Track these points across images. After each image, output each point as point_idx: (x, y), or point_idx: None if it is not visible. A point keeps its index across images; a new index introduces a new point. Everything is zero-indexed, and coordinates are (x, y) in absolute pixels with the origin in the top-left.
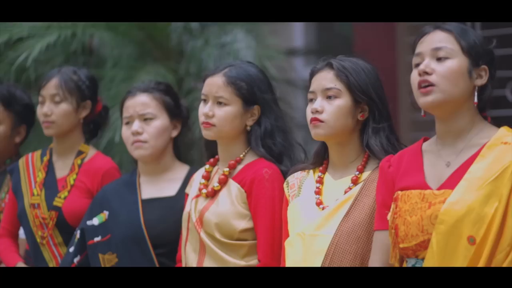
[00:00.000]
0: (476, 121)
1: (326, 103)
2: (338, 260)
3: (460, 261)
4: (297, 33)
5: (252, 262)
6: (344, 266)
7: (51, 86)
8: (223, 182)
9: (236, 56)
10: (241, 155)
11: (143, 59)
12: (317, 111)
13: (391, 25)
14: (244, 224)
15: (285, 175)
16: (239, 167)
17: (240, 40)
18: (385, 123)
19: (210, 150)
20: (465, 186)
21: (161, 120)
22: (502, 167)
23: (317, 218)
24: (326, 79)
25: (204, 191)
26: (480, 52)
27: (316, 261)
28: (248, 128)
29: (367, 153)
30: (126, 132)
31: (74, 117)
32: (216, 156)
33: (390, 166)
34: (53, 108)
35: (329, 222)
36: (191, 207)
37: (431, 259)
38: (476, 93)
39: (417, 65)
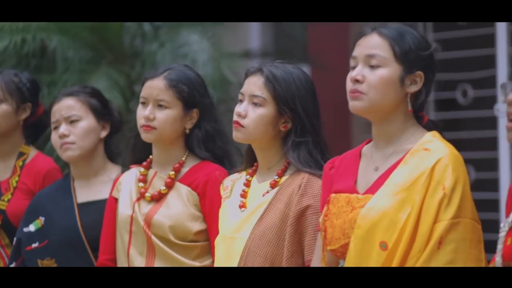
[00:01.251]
0: (408, 126)
1: (251, 109)
2: (250, 263)
3: (373, 266)
4: (253, 35)
5: (206, 262)
6: None
7: None
8: (170, 186)
9: (190, 59)
10: (183, 158)
11: (96, 63)
12: (240, 115)
13: (344, 26)
14: (198, 225)
15: None
16: (184, 170)
17: (195, 43)
18: (308, 138)
19: (140, 153)
20: (384, 192)
21: (87, 121)
22: (418, 173)
23: (236, 221)
24: (255, 85)
25: (147, 194)
26: (415, 58)
27: (233, 263)
28: (187, 131)
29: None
30: (54, 137)
31: (14, 118)
32: (149, 159)
33: (332, 168)
34: None
35: (246, 225)
36: (134, 211)
37: (349, 263)
38: (409, 100)
39: (353, 68)
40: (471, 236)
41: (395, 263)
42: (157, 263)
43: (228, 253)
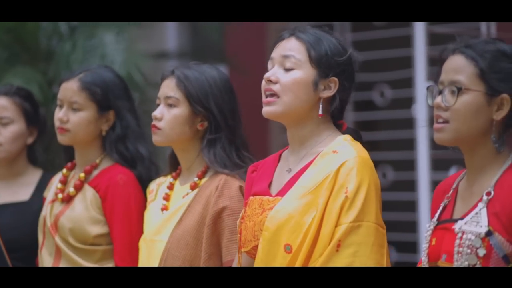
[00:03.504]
0: (321, 130)
1: (166, 111)
2: (169, 266)
3: None
4: (170, 35)
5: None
6: None
7: None
8: (78, 188)
9: (104, 59)
10: (97, 160)
11: (11, 62)
12: (156, 118)
13: (262, 27)
14: (98, 229)
15: (140, 180)
16: (95, 173)
17: (110, 43)
18: (222, 134)
19: (68, 154)
20: (291, 194)
21: (18, 125)
22: (324, 176)
23: (156, 224)
24: (168, 87)
25: (60, 195)
26: (330, 64)
27: (154, 265)
28: (104, 133)
29: None
30: None
31: None
32: (74, 161)
33: (254, 171)
34: None
35: (165, 228)
36: (46, 212)
37: (258, 265)
38: (321, 105)
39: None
40: (373, 240)
41: (298, 266)
42: (62, 265)
43: (149, 256)
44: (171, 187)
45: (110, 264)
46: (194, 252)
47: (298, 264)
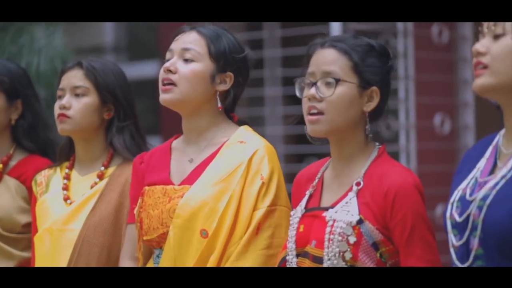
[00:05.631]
0: (219, 121)
1: (74, 100)
2: (86, 253)
3: (193, 253)
4: (106, 30)
5: None
6: (92, 258)
7: None
8: None
9: (39, 54)
10: (11, 151)
11: None
12: (64, 107)
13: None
14: (26, 218)
15: None
16: (12, 163)
17: (45, 38)
18: (130, 122)
19: None
20: (202, 182)
21: None
22: (236, 164)
23: (65, 213)
24: (75, 77)
25: None
26: (228, 60)
27: (64, 254)
28: (13, 122)
29: (111, 149)
30: None
31: None
32: None
33: (142, 162)
34: None
35: (77, 217)
36: None
37: (169, 251)
38: (218, 98)
39: (168, 60)
40: (286, 222)
41: (217, 250)
42: None
43: (56, 245)
44: (68, 177)
45: None
46: (112, 238)
47: (217, 247)
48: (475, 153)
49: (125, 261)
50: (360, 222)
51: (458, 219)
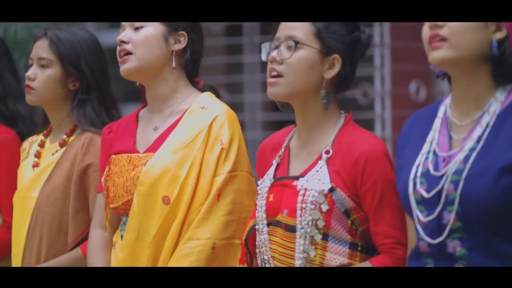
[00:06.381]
0: (180, 87)
1: (39, 71)
2: (40, 221)
3: (156, 220)
4: None
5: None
6: (44, 226)
7: None
8: None
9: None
10: None
11: None
12: (29, 78)
13: None
14: None
15: (21, 138)
16: None
17: None
18: (92, 95)
19: None
20: (165, 149)
21: None
22: (197, 131)
23: (27, 180)
24: (41, 48)
25: None
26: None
27: (26, 222)
28: None
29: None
30: None
31: None
32: None
33: (110, 132)
34: None
35: (36, 184)
36: None
37: (133, 219)
38: (174, 57)
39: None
40: (247, 188)
41: (179, 217)
42: None
43: (22, 212)
44: (42, 144)
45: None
46: (63, 207)
47: (179, 214)
48: (417, 127)
49: (95, 230)
50: (332, 190)
51: (426, 195)
